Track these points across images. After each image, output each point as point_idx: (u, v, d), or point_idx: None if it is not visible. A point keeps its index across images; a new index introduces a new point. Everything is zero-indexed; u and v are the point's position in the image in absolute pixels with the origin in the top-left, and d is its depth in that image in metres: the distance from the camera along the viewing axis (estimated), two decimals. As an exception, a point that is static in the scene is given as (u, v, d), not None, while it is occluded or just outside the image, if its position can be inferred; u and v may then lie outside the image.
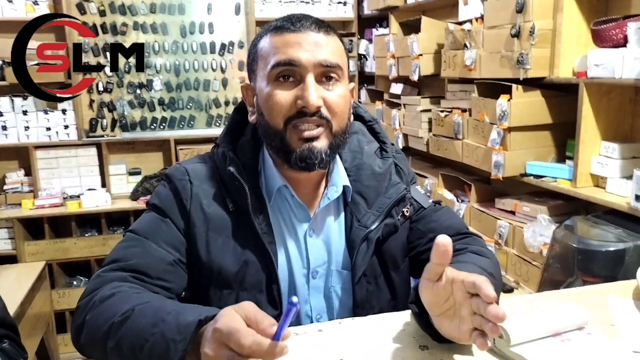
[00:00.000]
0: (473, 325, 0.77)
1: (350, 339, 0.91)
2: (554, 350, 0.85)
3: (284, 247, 1.07)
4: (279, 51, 0.99)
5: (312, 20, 1.02)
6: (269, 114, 1.01)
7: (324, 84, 1.00)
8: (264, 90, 1.01)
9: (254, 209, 1.02)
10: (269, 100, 1.00)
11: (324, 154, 1.00)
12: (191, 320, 0.74)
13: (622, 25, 1.76)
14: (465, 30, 2.40)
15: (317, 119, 0.99)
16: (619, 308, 1.02)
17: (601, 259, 1.68)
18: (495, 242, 2.28)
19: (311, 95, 0.97)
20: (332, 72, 1.00)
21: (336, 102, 1.00)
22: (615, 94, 1.93)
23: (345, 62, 1.05)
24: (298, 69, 0.98)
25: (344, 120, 1.04)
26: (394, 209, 1.10)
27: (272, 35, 1.02)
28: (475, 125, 2.38)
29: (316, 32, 1.00)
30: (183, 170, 1.08)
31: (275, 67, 0.99)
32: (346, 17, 3.95)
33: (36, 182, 3.55)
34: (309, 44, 0.98)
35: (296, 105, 0.98)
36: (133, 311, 0.82)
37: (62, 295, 3.46)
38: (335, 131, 1.02)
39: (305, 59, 0.98)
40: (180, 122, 3.87)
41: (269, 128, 1.02)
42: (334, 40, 1.02)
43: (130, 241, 1.02)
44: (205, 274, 1.04)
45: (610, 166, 1.88)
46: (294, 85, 0.99)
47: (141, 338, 0.77)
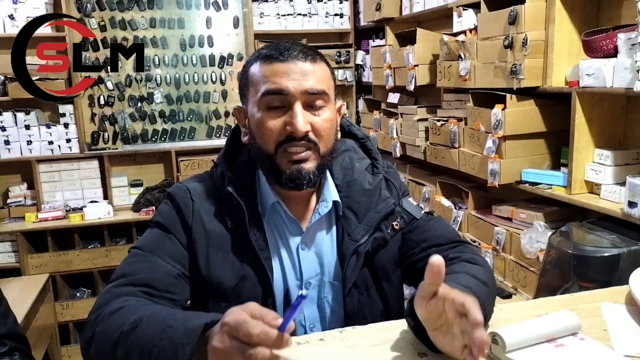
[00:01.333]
0: (464, 342, 0.80)
1: (351, 348, 0.93)
2: (549, 355, 0.88)
3: (279, 259, 1.12)
4: (268, 80, 1.04)
5: (299, 49, 1.06)
6: (261, 139, 1.07)
7: (311, 110, 1.06)
8: (255, 115, 1.07)
9: (251, 226, 1.07)
10: (260, 126, 1.06)
11: (312, 174, 1.06)
12: (198, 324, 0.77)
13: (613, 36, 1.80)
14: (460, 42, 2.45)
15: (305, 143, 1.05)
16: (612, 314, 1.04)
17: (596, 264, 1.71)
18: (493, 249, 2.31)
19: (299, 122, 1.02)
20: (319, 98, 1.06)
21: (323, 127, 1.06)
22: (607, 102, 1.97)
23: (332, 85, 1.10)
24: (287, 97, 1.03)
25: (330, 142, 1.10)
26: (383, 222, 1.15)
27: (261, 64, 1.07)
28: (471, 134, 2.42)
29: (303, 62, 1.05)
30: (185, 189, 1.13)
31: (265, 96, 1.05)
32: (343, 28, 3.99)
33: (39, 195, 3.58)
34: (296, 73, 1.04)
35: (285, 130, 1.04)
36: (142, 320, 0.85)
37: (66, 307, 3.48)
38: (322, 153, 1.08)
39: (293, 88, 1.03)
40: (180, 134, 3.90)
41: (260, 151, 1.08)
42: (320, 67, 1.08)
43: (137, 257, 1.06)
44: (205, 288, 1.08)
45: (604, 173, 1.92)
46: (283, 112, 1.05)
47: (150, 344, 0.80)
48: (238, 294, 1.06)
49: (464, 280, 0.96)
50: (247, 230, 1.07)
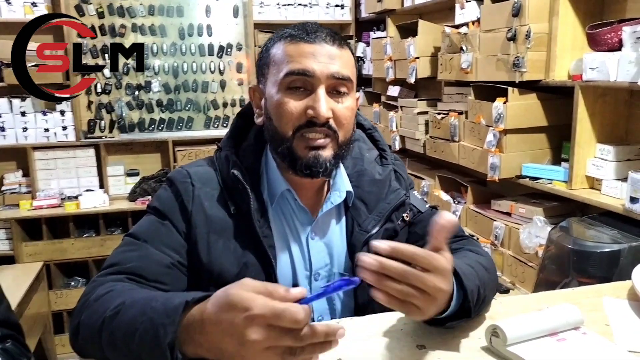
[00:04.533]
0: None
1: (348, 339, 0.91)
2: (550, 349, 0.87)
3: (288, 249, 1.09)
4: (293, 60, 1.00)
5: (326, 32, 1.03)
6: (279, 121, 1.03)
7: (334, 96, 1.02)
8: (274, 96, 1.03)
9: (255, 212, 1.04)
10: (279, 108, 1.02)
11: (329, 162, 1.02)
12: (178, 302, 0.74)
13: (617, 29, 1.78)
14: (462, 34, 2.42)
15: (326, 130, 1.01)
16: (614, 308, 1.03)
17: (596, 260, 1.70)
18: (491, 243, 2.30)
19: (322, 107, 0.98)
20: (343, 84, 1.02)
21: (344, 115, 1.03)
22: (610, 96, 1.95)
23: (355, 74, 1.06)
24: (311, 79, 0.99)
25: (349, 132, 1.06)
26: (394, 214, 1.13)
27: (286, 43, 1.02)
28: (471, 128, 2.40)
29: (330, 45, 1.01)
30: (185, 173, 1.10)
31: (288, 76, 1.00)
32: (344, 20, 3.97)
33: (34, 183, 3.56)
34: (322, 56, 1.00)
35: (306, 114, 1.00)
36: (124, 303, 0.82)
37: (60, 296, 3.46)
38: (341, 142, 1.04)
39: (319, 70, 0.99)
40: (178, 124, 3.88)
41: (276, 134, 1.04)
42: (347, 53, 1.04)
43: (129, 245, 1.03)
44: (205, 276, 1.05)
45: (605, 168, 1.91)
46: (305, 95, 1.01)
47: (132, 327, 0.77)
48: None
49: (466, 260, 0.96)
50: (250, 216, 1.03)
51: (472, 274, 0.90)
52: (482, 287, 0.91)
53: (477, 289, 0.89)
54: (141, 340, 0.75)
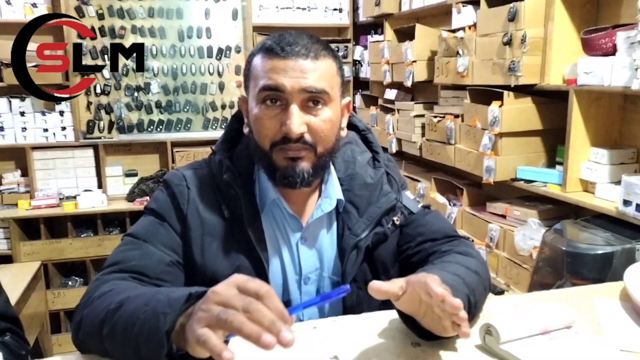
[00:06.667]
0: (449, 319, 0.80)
1: (344, 336, 0.93)
2: (543, 348, 0.88)
3: (278, 253, 1.10)
4: (266, 75, 1.01)
5: (302, 44, 1.01)
6: (257, 135, 1.04)
7: (310, 110, 1.02)
8: (253, 110, 1.04)
9: (247, 217, 1.06)
10: (256, 123, 1.03)
11: (307, 173, 1.03)
12: (182, 294, 0.76)
13: (612, 35, 1.80)
14: (458, 38, 2.45)
15: (301, 145, 1.01)
16: (606, 308, 1.05)
17: (590, 262, 1.72)
18: (487, 245, 2.32)
19: (294, 124, 0.98)
20: (318, 97, 1.01)
21: (320, 128, 1.02)
22: (604, 101, 1.97)
23: (336, 83, 1.05)
24: (283, 94, 1.00)
25: (329, 143, 1.06)
26: (384, 218, 1.13)
27: (263, 57, 1.03)
28: (467, 131, 2.42)
29: (304, 59, 1.00)
30: (180, 176, 1.11)
31: (262, 91, 1.01)
32: (342, 23, 3.98)
33: (33, 182, 3.56)
34: (294, 71, 0.99)
35: (281, 130, 1.01)
36: (128, 298, 0.84)
37: (57, 296, 3.47)
38: (320, 153, 1.04)
39: (290, 86, 0.99)
40: (177, 125, 3.89)
41: (257, 146, 1.05)
42: (324, 64, 1.02)
43: (129, 244, 1.04)
44: (199, 277, 1.06)
45: (599, 171, 1.92)
46: (280, 109, 1.01)
47: (134, 318, 0.79)
48: None
49: (453, 268, 0.96)
50: (243, 221, 1.05)
51: (460, 284, 0.91)
52: (472, 294, 0.92)
53: (466, 298, 0.89)
54: (141, 329, 0.77)
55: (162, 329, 0.73)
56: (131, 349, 0.79)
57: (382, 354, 0.88)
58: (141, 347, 0.77)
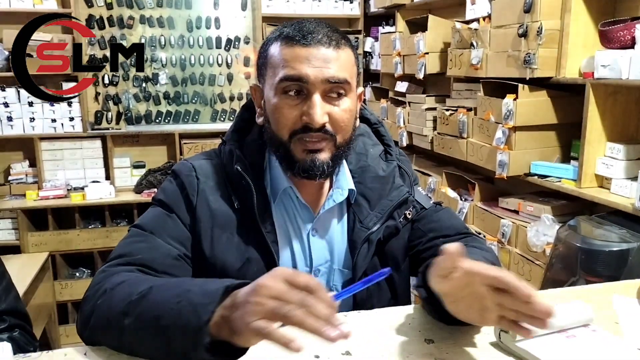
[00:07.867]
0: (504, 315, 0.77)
1: (356, 332, 0.91)
2: (560, 345, 0.86)
3: (289, 244, 1.09)
4: (287, 65, 0.99)
5: (323, 32, 1.00)
6: (275, 125, 1.03)
7: (331, 99, 1.01)
8: (271, 100, 1.02)
9: (258, 208, 1.04)
10: (275, 112, 1.02)
11: (326, 165, 1.02)
12: (218, 286, 0.77)
13: (630, 27, 1.77)
14: (472, 29, 2.41)
15: (322, 134, 1.00)
16: (624, 307, 1.03)
17: (604, 259, 1.69)
18: (499, 241, 2.29)
19: (317, 113, 0.98)
20: (340, 87, 1.00)
21: (341, 118, 1.01)
22: (621, 95, 1.93)
23: (355, 72, 1.05)
24: (305, 85, 0.98)
25: (348, 132, 1.05)
26: (396, 211, 1.12)
27: (282, 45, 1.01)
28: (480, 124, 2.38)
29: (326, 47, 0.99)
30: (190, 167, 1.10)
31: (283, 81, 0.99)
32: (352, 14, 3.95)
33: (41, 173, 3.56)
34: (317, 60, 0.98)
35: (301, 120, 1.00)
36: (152, 288, 0.83)
37: (65, 287, 3.47)
38: (339, 144, 1.03)
39: (314, 76, 0.97)
40: (185, 117, 3.87)
41: (275, 136, 1.04)
42: (344, 53, 1.02)
43: (136, 236, 1.03)
44: (208, 269, 1.05)
45: (615, 167, 1.89)
46: (300, 99, 1.00)
47: (166, 308, 0.78)
48: (243, 277, 1.02)
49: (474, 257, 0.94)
50: (254, 212, 1.03)
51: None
52: None
53: None
54: (175, 321, 0.76)
55: (202, 319, 0.73)
56: (161, 340, 0.78)
57: (395, 350, 0.86)
58: (175, 338, 0.76)
